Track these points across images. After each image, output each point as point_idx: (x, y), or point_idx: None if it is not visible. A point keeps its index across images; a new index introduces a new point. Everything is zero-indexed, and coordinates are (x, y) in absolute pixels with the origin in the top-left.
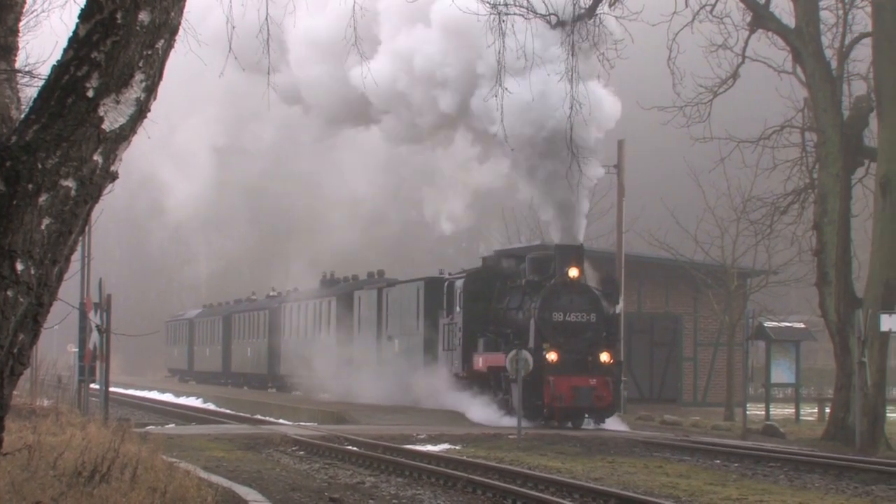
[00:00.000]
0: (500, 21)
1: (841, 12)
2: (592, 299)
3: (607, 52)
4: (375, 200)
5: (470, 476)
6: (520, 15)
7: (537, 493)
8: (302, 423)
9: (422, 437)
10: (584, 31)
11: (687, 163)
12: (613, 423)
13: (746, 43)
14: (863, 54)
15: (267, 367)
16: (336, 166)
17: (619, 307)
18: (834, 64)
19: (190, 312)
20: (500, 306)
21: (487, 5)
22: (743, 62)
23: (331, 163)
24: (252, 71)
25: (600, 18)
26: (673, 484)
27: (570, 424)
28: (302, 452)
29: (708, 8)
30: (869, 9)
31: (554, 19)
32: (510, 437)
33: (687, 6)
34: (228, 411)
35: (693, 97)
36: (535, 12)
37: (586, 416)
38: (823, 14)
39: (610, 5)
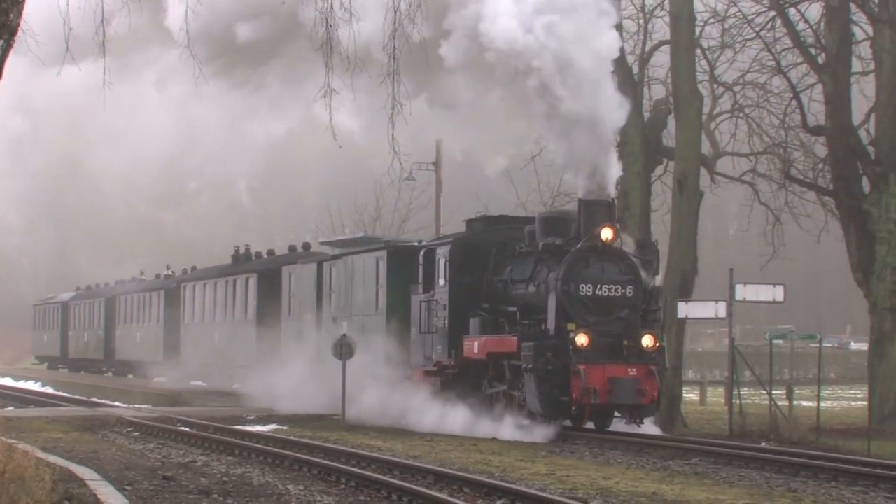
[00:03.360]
0: (327, 25)
1: (642, 21)
2: (629, 267)
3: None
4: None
5: (296, 455)
6: (344, 20)
7: (359, 471)
8: (137, 406)
9: (251, 417)
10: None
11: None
12: (650, 425)
13: None
14: (662, 60)
15: (162, 355)
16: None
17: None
18: (636, 69)
19: (63, 295)
20: (498, 278)
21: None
22: None
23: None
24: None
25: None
26: (486, 461)
27: (591, 425)
28: (137, 433)
29: None
30: (667, 18)
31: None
32: (334, 417)
33: None
34: (66, 394)
35: None
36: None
37: (616, 414)
38: (626, 23)
39: None
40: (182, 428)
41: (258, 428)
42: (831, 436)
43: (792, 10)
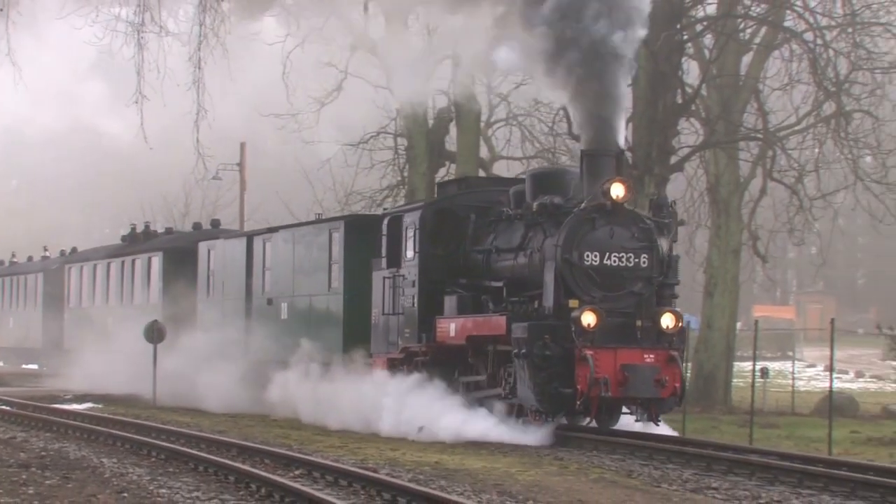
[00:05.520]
0: (138, 36)
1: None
2: (644, 232)
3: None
4: None
5: (110, 430)
6: (154, 32)
7: (169, 444)
8: None
9: (68, 396)
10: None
11: (299, 162)
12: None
13: (348, 62)
14: (444, 73)
15: (41, 341)
16: None
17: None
18: None
19: None
20: (478, 248)
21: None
22: (346, 77)
23: None
24: None
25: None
26: (286, 434)
27: (591, 421)
28: None
29: (316, 31)
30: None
31: (185, 38)
32: (146, 396)
33: (299, 28)
34: None
35: (304, 106)
36: (168, 32)
37: (624, 409)
38: (415, 39)
39: None
40: (2, 406)
41: (75, 406)
42: None
43: None
